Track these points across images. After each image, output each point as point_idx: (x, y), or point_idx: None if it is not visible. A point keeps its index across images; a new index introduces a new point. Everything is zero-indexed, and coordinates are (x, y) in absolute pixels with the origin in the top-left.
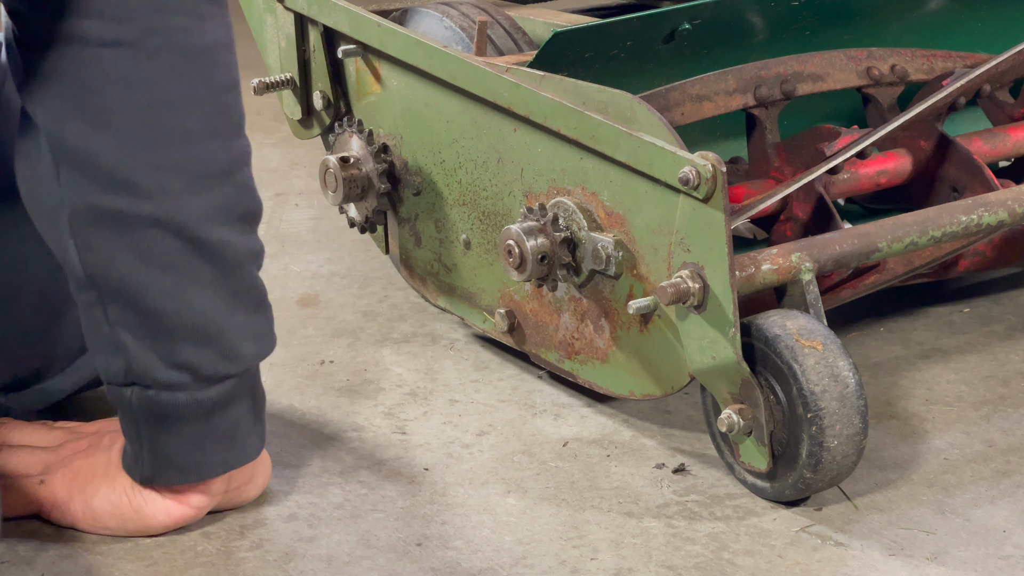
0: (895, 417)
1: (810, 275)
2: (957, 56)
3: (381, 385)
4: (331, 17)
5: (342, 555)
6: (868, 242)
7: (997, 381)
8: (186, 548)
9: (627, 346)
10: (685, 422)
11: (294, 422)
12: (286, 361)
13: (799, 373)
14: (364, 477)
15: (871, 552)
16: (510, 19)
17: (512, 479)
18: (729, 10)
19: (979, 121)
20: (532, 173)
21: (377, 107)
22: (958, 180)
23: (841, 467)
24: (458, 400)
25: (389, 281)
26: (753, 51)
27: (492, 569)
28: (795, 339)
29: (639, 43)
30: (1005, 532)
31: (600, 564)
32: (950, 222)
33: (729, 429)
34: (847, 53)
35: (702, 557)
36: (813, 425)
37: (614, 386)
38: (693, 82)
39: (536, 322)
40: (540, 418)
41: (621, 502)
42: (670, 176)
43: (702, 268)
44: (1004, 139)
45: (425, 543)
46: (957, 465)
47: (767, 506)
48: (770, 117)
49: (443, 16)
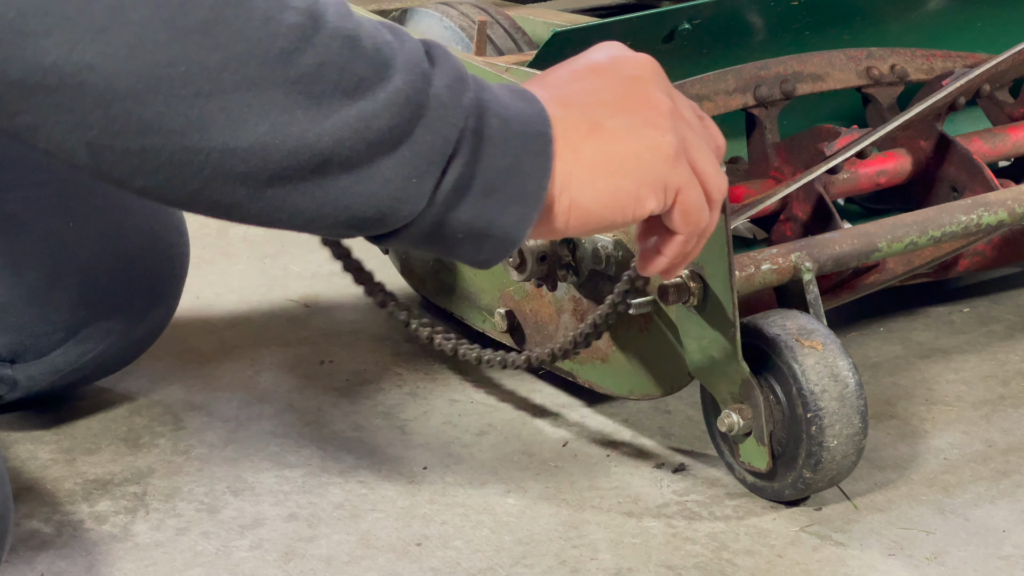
0: (895, 417)
1: (810, 275)
2: (957, 56)
3: (381, 385)
4: None
5: (342, 555)
6: (868, 242)
7: (997, 381)
8: (185, 548)
9: (627, 346)
10: (685, 422)
11: (294, 422)
12: (286, 361)
13: (799, 373)
14: (364, 477)
15: (871, 552)
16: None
17: (512, 479)
18: (729, 10)
19: (979, 121)
20: None
21: None
22: (958, 180)
23: (841, 467)
24: (458, 400)
25: (389, 281)
26: (753, 51)
27: (492, 569)
28: (794, 339)
29: (639, 43)
30: (1005, 532)
31: (600, 564)
32: (950, 222)
33: (729, 429)
34: (847, 53)
35: (702, 557)
36: (813, 425)
37: (614, 386)
38: (693, 82)
39: (536, 322)
40: (540, 418)
41: (621, 502)
42: None
43: (702, 268)
44: (1004, 139)
45: (425, 543)
46: (957, 465)
47: (767, 506)
48: (770, 117)
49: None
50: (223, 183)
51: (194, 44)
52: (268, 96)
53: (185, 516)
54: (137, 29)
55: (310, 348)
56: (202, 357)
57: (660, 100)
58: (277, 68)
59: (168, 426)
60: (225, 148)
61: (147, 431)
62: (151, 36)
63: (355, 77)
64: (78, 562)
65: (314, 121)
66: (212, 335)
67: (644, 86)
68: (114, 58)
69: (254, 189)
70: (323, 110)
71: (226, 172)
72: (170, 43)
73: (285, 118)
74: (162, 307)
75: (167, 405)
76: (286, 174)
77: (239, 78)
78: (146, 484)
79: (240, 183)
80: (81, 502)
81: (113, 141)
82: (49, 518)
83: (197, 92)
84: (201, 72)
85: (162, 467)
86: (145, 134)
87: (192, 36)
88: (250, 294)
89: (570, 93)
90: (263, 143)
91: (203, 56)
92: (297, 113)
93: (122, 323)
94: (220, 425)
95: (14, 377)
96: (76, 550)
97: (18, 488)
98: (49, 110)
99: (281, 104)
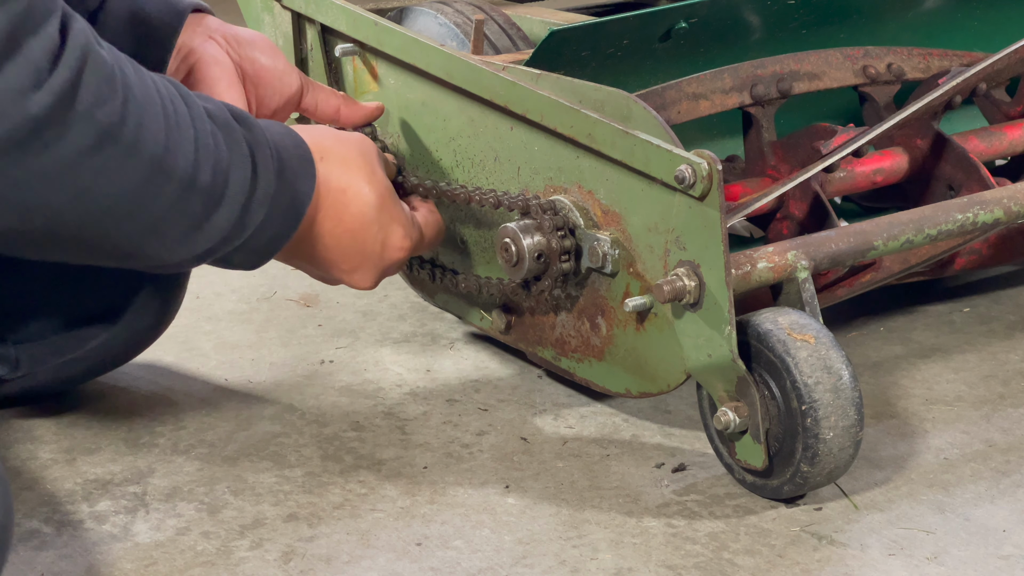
0: (895, 416)
1: (806, 273)
2: (953, 55)
3: (381, 385)
4: (328, 16)
5: (342, 555)
6: (864, 240)
7: (997, 381)
8: (186, 548)
9: (623, 344)
10: (685, 421)
11: (294, 422)
12: (286, 361)
13: (792, 366)
14: (364, 477)
15: (871, 552)
16: (506, 17)
17: (512, 479)
18: (726, 9)
19: (975, 119)
20: (529, 171)
21: None
22: (954, 178)
23: (838, 460)
24: (458, 400)
25: (388, 281)
26: (749, 49)
27: (492, 569)
28: (787, 333)
29: (636, 41)
30: (1005, 532)
31: (600, 564)
32: (946, 220)
33: (725, 427)
34: (843, 52)
35: (702, 557)
36: (808, 417)
37: (610, 384)
38: (689, 80)
39: (533, 320)
40: (540, 418)
41: (621, 502)
42: (666, 174)
43: (698, 266)
44: (1000, 137)
45: (425, 543)
46: (957, 464)
47: (767, 505)
48: (766, 115)
49: (438, 13)
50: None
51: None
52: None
53: (185, 516)
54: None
55: (310, 348)
56: (202, 357)
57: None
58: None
59: (168, 426)
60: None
61: (147, 431)
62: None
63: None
64: (78, 562)
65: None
66: (212, 335)
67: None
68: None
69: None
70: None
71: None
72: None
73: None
74: (166, 299)
75: (167, 405)
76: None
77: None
78: (146, 484)
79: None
80: (81, 502)
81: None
82: (49, 518)
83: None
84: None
85: (162, 467)
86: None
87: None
88: (250, 294)
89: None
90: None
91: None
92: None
93: (125, 312)
94: (220, 425)
95: (16, 356)
96: (76, 550)
97: (18, 488)
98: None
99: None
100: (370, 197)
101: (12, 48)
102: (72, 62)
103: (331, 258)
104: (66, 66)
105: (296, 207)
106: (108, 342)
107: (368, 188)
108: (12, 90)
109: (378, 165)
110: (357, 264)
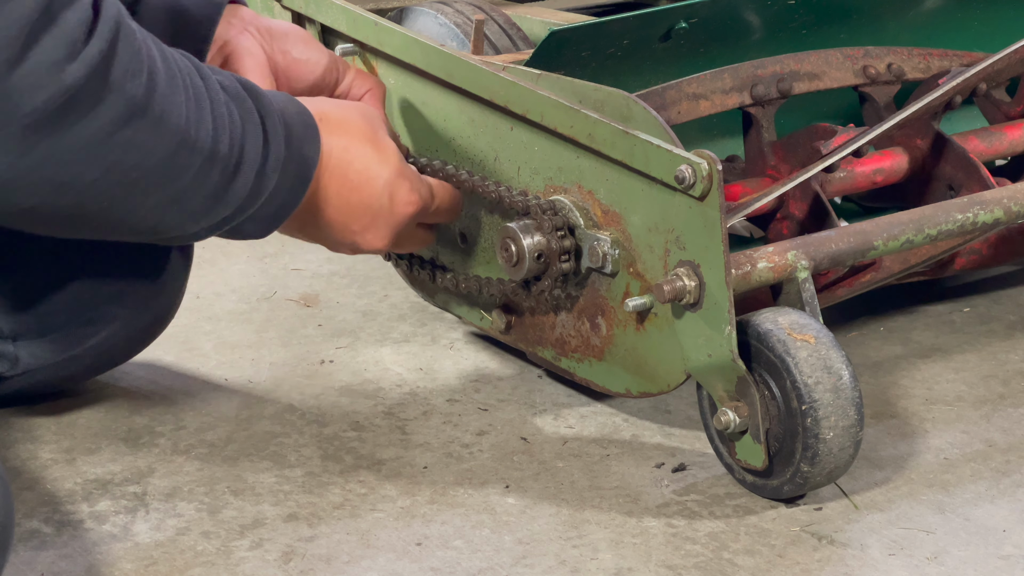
0: (895, 416)
1: (806, 273)
2: (953, 55)
3: (381, 385)
4: (328, 16)
5: (342, 555)
6: (864, 240)
7: (997, 381)
8: (186, 548)
9: (623, 344)
10: (685, 421)
11: (294, 422)
12: (286, 361)
13: (792, 366)
14: (364, 477)
15: (871, 552)
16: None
17: (512, 479)
18: (726, 9)
19: (975, 119)
20: (529, 171)
21: None
22: (954, 178)
23: (838, 460)
24: (458, 400)
25: (389, 281)
26: (750, 50)
27: (492, 569)
28: (787, 333)
29: (636, 42)
30: (1005, 532)
31: (600, 564)
32: (946, 220)
33: (725, 427)
34: (843, 52)
35: (702, 557)
36: (808, 417)
37: (610, 384)
38: (689, 80)
39: (533, 320)
40: (540, 417)
41: (621, 502)
42: (666, 174)
43: (698, 266)
44: (1000, 137)
45: (425, 543)
46: (957, 464)
47: (767, 505)
48: (766, 115)
49: (438, 13)
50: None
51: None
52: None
53: (185, 516)
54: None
55: (310, 348)
56: (202, 357)
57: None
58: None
59: (168, 426)
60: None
61: (147, 431)
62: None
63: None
64: (78, 562)
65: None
66: (212, 335)
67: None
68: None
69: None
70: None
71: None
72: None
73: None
74: (166, 297)
75: (168, 404)
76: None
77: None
78: (146, 484)
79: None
80: (81, 502)
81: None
82: (49, 518)
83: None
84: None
85: (162, 467)
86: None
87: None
88: (250, 294)
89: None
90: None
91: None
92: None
93: (125, 309)
94: (220, 425)
95: (16, 354)
96: (76, 550)
97: (18, 488)
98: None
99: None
100: (371, 153)
101: (48, 20)
102: (106, 33)
103: (341, 220)
104: (100, 38)
105: (304, 171)
106: (108, 340)
107: (369, 146)
108: (48, 61)
109: (380, 128)
110: (368, 223)
